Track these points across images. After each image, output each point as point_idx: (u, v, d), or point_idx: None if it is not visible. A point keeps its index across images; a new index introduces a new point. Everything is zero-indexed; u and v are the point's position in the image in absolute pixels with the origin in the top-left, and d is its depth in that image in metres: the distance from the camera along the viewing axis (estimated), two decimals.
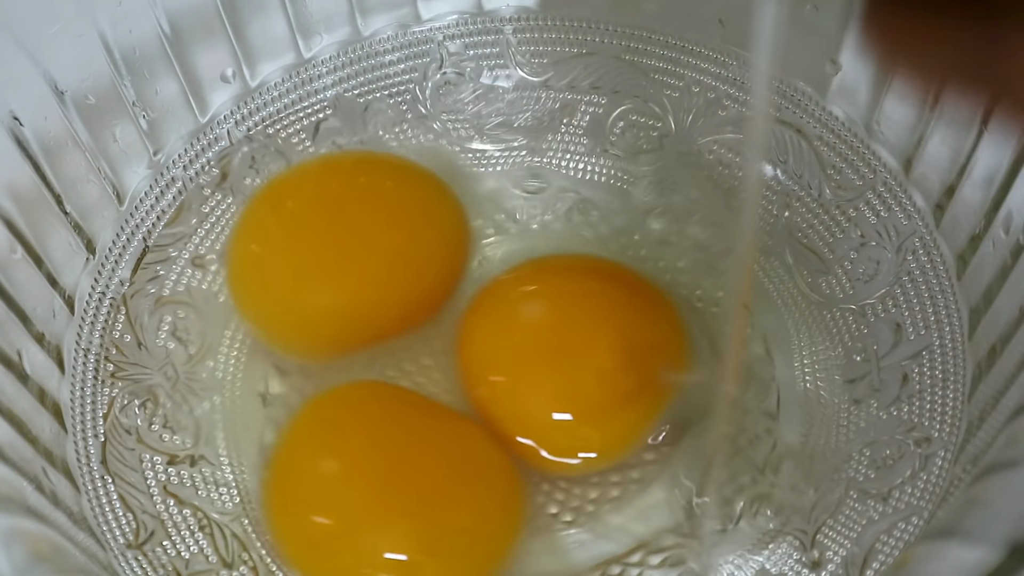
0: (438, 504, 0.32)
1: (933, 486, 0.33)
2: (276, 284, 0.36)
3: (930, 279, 0.36)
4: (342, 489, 0.33)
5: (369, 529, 0.32)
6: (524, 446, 0.34)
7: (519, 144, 0.41)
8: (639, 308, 0.36)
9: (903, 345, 0.36)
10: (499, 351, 0.35)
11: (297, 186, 0.38)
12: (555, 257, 0.39)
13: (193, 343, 0.37)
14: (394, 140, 0.41)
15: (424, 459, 0.33)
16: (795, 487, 0.35)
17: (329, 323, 0.36)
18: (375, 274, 0.36)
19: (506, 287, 0.37)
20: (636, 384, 0.34)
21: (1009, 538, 0.23)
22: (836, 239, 0.38)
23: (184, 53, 0.38)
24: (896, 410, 0.35)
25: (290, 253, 0.36)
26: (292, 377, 0.37)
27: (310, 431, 0.34)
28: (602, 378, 0.34)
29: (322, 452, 0.34)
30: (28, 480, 0.31)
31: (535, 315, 0.36)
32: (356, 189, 0.38)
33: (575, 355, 0.34)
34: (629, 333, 0.35)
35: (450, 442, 0.34)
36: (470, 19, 0.42)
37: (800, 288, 0.38)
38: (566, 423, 0.34)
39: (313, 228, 0.36)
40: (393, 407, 0.35)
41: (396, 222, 0.37)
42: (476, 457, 0.34)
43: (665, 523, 0.34)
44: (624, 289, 0.36)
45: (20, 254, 0.34)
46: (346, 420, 0.35)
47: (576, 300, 0.36)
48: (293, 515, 0.33)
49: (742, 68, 0.40)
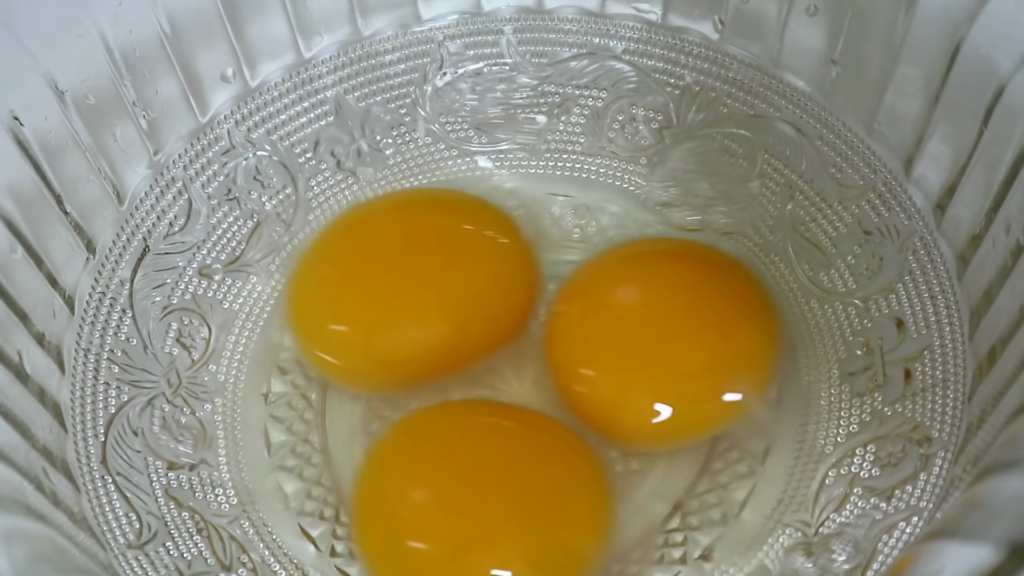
0: (536, 519, 0.32)
1: (933, 486, 0.33)
2: (352, 329, 0.36)
3: (930, 279, 0.36)
4: (438, 513, 0.32)
5: (469, 552, 0.32)
6: (608, 426, 0.34)
7: (519, 144, 0.41)
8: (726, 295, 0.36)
9: (906, 343, 0.36)
10: (587, 343, 0.35)
11: (364, 227, 0.38)
12: (649, 241, 0.39)
13: (197, 349, 0.37)
14: (393, 142, 0.41)
15: (517, 473, 0.33)
16: (793, 479, 0.35)
17: (407, 364, 0.36)
18: (451, 316, 0.35)
19: (597, 276, 0.37)
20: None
21: (1009, 538, 0.23)
22: (839, 233, 0.38)
23: (184, 53, 0.38)
24: (900, 406, 0.35)
25: (366, 296, 0.36)
26: (294, 376, 0.37)
27: (398, 456, 0.34)
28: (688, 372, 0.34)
29: (413, 477, 0.33)
30: (28, 480, 0.31)
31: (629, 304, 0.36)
32: (427, 228, 0.37)
33: (661, 347, 0.34)
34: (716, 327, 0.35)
35: (542, 450, 0.34)
36: (470, 19, 0.42)
37: (801, 281, 0.38)
38: (652, 414, 0.34)
39: (385, 269, 0.36)
40: (478, 422, 0.35)
41: (469, 262, 0.36)
42: (569, 462, 0.34)
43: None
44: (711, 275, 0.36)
45: (20, 254, 0.34)
46: (434, 441, 0.34)
47: (665, 289, 0.36)
48: (390, 542, 0.33)
49: (742, 68, 0.40)
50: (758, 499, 0.35)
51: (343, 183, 0.41)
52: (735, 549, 0.34)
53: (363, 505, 0.34)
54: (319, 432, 0.37)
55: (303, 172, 0.40)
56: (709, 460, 0.35)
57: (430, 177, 0.41)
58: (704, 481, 0.35)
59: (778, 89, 0.40)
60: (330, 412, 0.37)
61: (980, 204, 0.34)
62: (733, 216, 0.39)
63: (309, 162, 0.41)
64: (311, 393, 0.37)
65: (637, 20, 0.41)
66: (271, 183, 0.40)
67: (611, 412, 0.34)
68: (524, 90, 0.42)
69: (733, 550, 0.34)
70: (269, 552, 0.34)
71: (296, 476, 0.36)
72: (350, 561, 0.34)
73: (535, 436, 0.34)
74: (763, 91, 0.40)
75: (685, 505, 0.35)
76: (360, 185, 0.41)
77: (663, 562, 0.34)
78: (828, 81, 0.39)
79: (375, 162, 0.41)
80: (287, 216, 0.40)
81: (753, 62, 0.40)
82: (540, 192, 0.40)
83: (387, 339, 0.35)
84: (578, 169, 0.41)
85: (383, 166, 0.41)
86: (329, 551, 0.35)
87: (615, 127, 0.41)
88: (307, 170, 0.41)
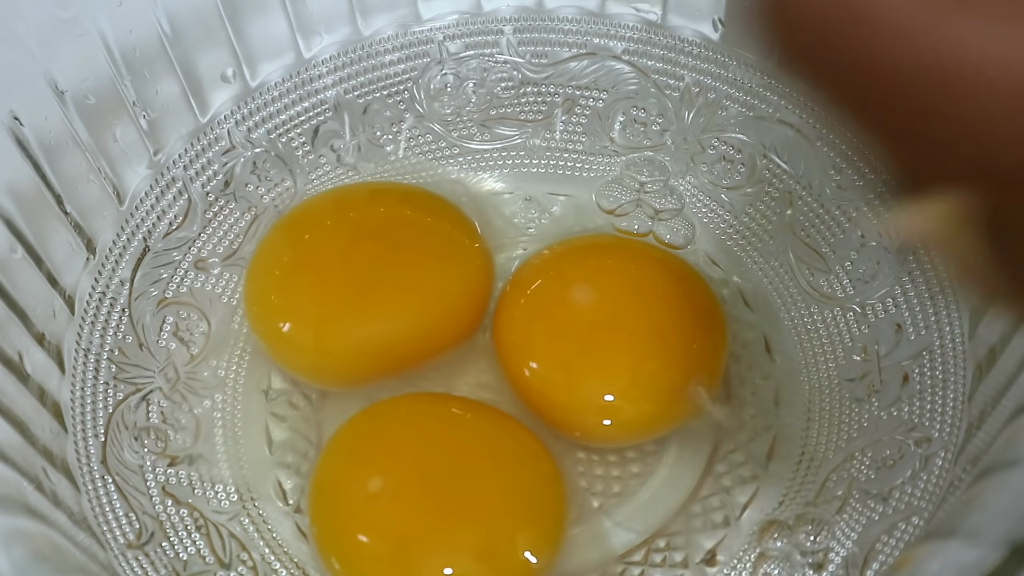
0: (488, 516, 0.32)
1: (933, 486, 0.33)
2: (302, 322, 0.35)
3: (930, 280, 0.36)
4: (387, 509, 0.32)
5: (419, 548, 0.32)
6: (563, 423, 0.35)
7: (518, 144, 0.41)
8: (666, 280, 0.36)
9: (904, 345, 0.36)
10: (534, 335, 0.35)
11: (316, 218, 0.37)
12: (598, 236, 0.39)
13: (196, 343, 0.37)
14: (393, 138, 0.41)
15: (469, 469, 0.33)
16: (795, 483, 0.35)
17: (360, 357, 0.36)
18: (402, 308, 0.35)
19: (537, 271, 0.37)
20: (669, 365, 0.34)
21: (1009, 538, 0.23)
22: (837, 239, 0.38)
23: (184, 53, 0.38)
24: (897, 410, 0.35)
25: (315, 289, 0.35)
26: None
27: (348, 449, 0.34)
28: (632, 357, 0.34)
29: (363, 473, 0.33)
30: (28, 480, 0.31)
31: (573, 297, 0.36)
32: (377, 220, 0.37)
33: (603, 334, 0.34)
34: (660, 314, 0.34)
35: (495, 445, 0.34)
36: (470, 19, 0.42)
37: (801, 286, 0.38)
38: (601, 403, 0.34)
39: (336, 262, 0.36)
40: (429, 416, 0.35)
41: (420, 253, 0.36)
42: (522, 457, 0.33)
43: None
44: (654, 269, 0.36)
45: (20, 254, 0.34)
46: (386, 435, 0.34)
47: (607, 280, 0.36)
48: (343, 536, 0.33)
49: (742, 68, 0.40)
50: (760, 502, 0.35)
51: (343, 177, 0.41)
52: (737, 552, 0.34)
53: (315, 499, 0.34)
54: (319, 429, 0.37)
55: (302, 166, 0.40)
56: (712, 463, 0.35)
57: (430, 175, 0.41)
58: (707, 484, 0.35)
59: (778, 89, 0.40)
60: (330, 409, 0.37)
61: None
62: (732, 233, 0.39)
63: (308, 156, 0.41)
64: (311, 390, 0.37)
65: (637, 20, 0.41)
66: (269, 176, 0.40)
67: (562, 403, 0.34)
68: (524, 90, 0.42)
69: (735, 554, 0.34)
70: (269, 550, 0.34)
71: (296, 473, 0.36)
72: None
73: (488, 430, 0.34)
74: (763, 91, 0.40)
75: (688, 508, 0.35)
76: (359, 180, 0.41)
77: (665, 565, 0.34)
78: None
79: (375, 158, 0.41)
80: (285, 209, 0.40)
81: (753, 62, 0.40)
82: (540, 192, 0.40)
83: (335, 333, 0.35)
84: (579, 169, 0.41)
85: (383, 162, 0.41)
86: None
87: (615, 127, 0.41)
88: (306, 164, 0.40)
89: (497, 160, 0.41)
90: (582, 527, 0.34)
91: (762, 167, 0.40)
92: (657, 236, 0.39)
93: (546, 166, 0.41)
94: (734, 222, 0.39)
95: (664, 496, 0.35)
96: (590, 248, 0.38)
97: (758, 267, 0.38)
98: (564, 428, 0.35)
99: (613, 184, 0.40)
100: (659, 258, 0.37)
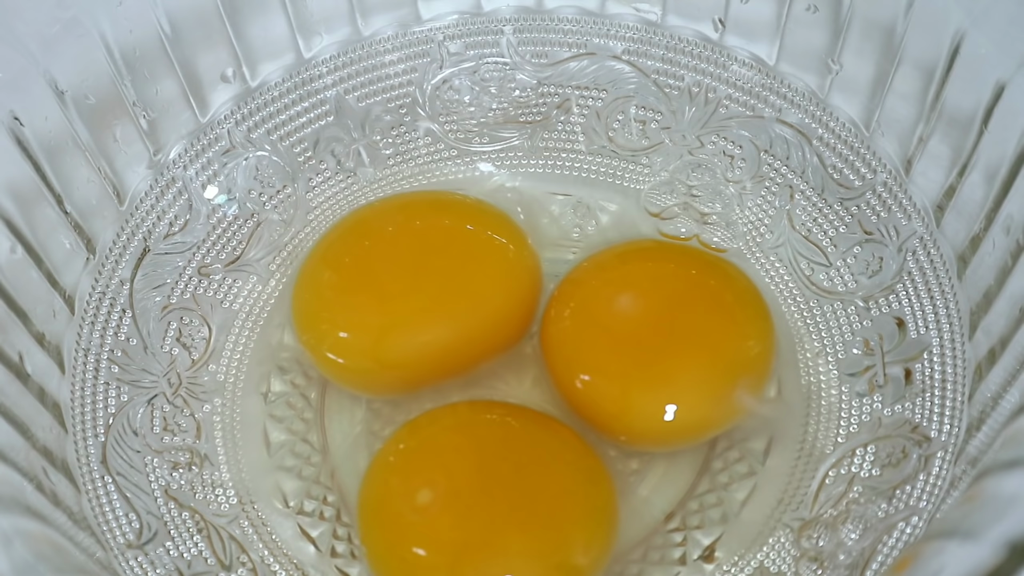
0: (542, 523, 0.32)
1: (933, 486, 0.33)
2: (356, 332, 0.35)
3: (930, 279, 0.36)
4: (442, 518, 0.32)
5: (473, 558, 0.31)
6: (611, 429, 0.34)
7: (518, 144, 0.41)
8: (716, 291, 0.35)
9: (905, 343, 0.36)
10: (587, 344, 0.35)
11: (365, 229, 0.37)
12: (643, 242, 0.38)
13: (197, 348, 0.37)
14: (393, 142, 0.41)
15: (522, 477, 0.32)
16: (795, 478, 0.35)
17: (411, 367, 0.35)
18: (456, 319, 0.35)
19: (591, 278, 0.36)
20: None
21: (1009, 538, 0.23)
22: (839, 234, 0.38)
23: (184, 53, 0.38)
24: (900, 407, 0.35)
25: (371, 300, 0.35)
26: (293, 375, 0.37)
27: (401, 459, 0.34)
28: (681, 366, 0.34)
29: (416, 482, 0.33)
30: (28, 480, 0.31)
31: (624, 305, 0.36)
32: (431, 231, 0.37)
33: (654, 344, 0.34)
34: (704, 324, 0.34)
35: (547, 451, 0.33)
36: (470, 19, 0.42)
37: (801, 281, 0.38)
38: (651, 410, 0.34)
39: (389, 271, 0.36)
40: (482, 425, 0.34)
41: (473, 265, 0.36)
42: (574, 463, 0.33)
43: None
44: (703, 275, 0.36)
45: (20, 254, 0.34)
46: (438, 445, 0.34)
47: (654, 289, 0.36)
48: (394, 547, 0.32)
49: (742, 68, 0.40)
50: (758, 499, 0.35)
51: (343, 183, 0.41)
52: (735, 549, 0.34)
53: (367, 509, 0.33)
54: (319, 431, 0.37)
55: (303, 172, 0.40)
56: (709, 460, 0.35)
57: (430, 177, 0.41)
58: (704, 481, 0.35)
59: (778, 89, 0.40)
60: (330, 411, 0.37)
61: (980, 204, 0.34)
62: (730, 229, 0.39)
63: (309, 161, 0.41)
64: (310, 392, 0.37)
65: (637, 20, 0.41)
66: (271, 183, 0.40)
67: (615, 413, 0.34)
68: (524, 90, 0.42)
69: (733, 550, 0.34)
70: (269, 552, 0.34)
71: (296, 476, 0.36)
72: (350, 562, 0.34)
73: (539, 437, 0.34)
74: (763, 91, 0.40)
75: (685, 505, 0.35)
76: (360, 185, 0.41)
77: (663, 562, 0.34)
78: (828, 81, 0.39)
79: (375, 162, 0.41)
80: (287, 216, 0.40)
81: (753, 62, 0.40)
82: (540, 191, 0.40)
83: (392, 342, 0.35)
84: (578, 168, 0.41)
85: (383, 166, 0.41)
86: (329, 551, 0.35)
87: (615, 127, 0.41)
88: (307, 170, 0.41)
89: (497, 159, 0.41)
90: None
91: (763, 162, 0.40)
92: (702, 240, 0.39)
93: (545, 166, 0.41)
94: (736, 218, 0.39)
95: (662, 492, 0.35)
96: (636, 254, 0.38)
97: (758, 261, 0.38)
98: (611, 434, 0.35)
99: (662, 186, 0.40)
100: (708, 262, 0.37)
